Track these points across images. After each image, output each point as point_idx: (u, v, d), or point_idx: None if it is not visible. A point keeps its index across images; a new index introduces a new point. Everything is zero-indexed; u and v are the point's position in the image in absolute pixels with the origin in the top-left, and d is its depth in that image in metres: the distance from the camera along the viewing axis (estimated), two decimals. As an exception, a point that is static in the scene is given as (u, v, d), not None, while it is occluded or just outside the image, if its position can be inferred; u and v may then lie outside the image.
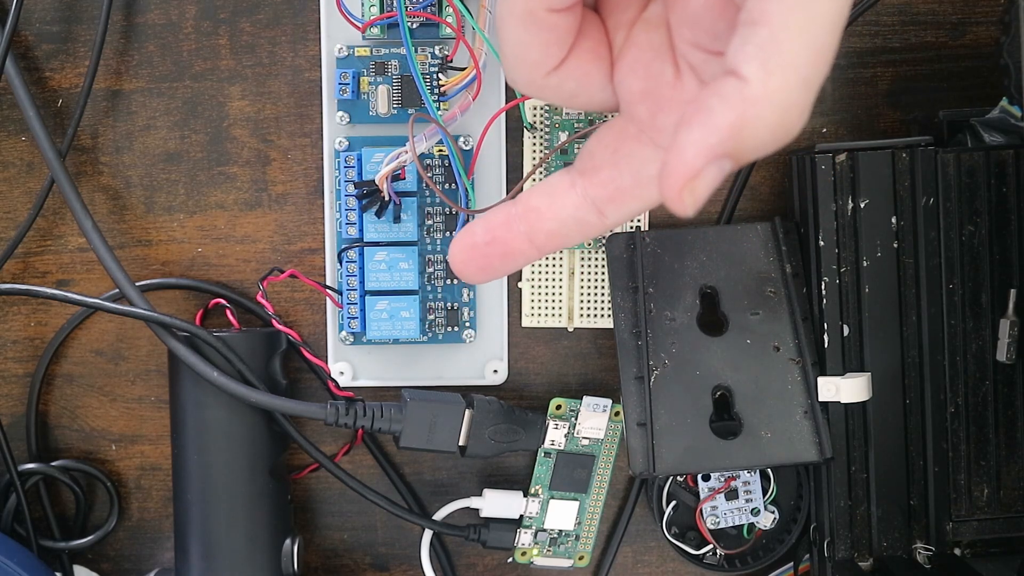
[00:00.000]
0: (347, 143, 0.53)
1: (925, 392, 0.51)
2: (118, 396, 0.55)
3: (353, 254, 0.52)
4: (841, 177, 0.51)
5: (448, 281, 0.53)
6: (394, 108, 0.52)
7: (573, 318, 0.54)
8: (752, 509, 0.55)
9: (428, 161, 0.53)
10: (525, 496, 0.54)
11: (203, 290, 0.54)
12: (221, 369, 0.49)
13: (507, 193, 0.53)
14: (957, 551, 0.51)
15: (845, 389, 0.50)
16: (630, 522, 0.56)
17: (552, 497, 0.54)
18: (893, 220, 0.51)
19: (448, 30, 0.51)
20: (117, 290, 0.52)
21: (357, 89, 0.52)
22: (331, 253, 0.54)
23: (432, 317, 0.53)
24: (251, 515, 0.51)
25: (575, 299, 0.54)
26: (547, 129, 0.53)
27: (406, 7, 0.50)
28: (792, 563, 0.56)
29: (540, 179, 0.53)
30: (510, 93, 0.53)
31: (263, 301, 0.52)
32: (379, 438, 0.56)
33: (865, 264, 0.51)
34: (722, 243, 0.52)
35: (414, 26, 0.51)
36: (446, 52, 0.51)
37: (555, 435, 0.53)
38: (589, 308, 0.54)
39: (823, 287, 0.51)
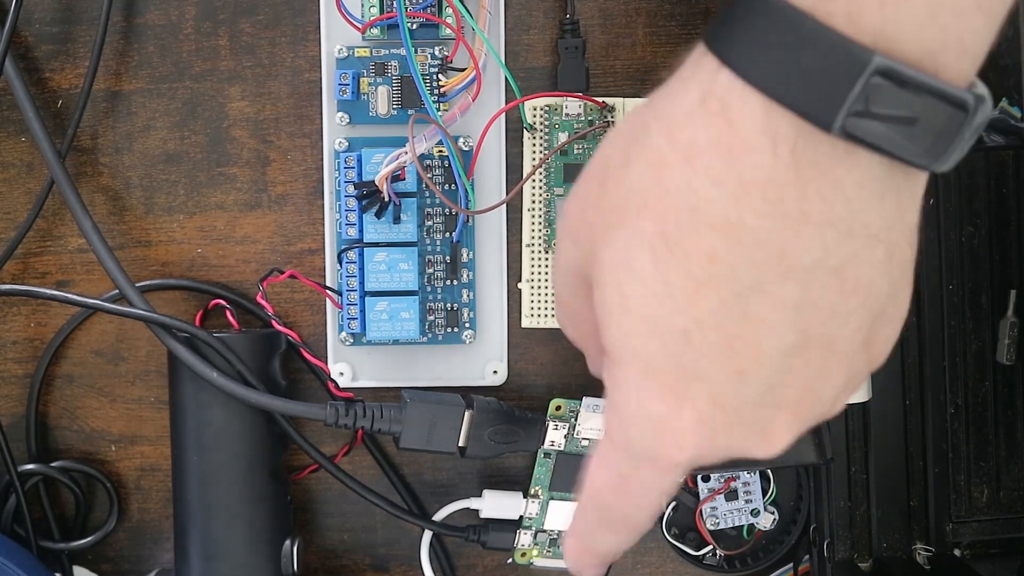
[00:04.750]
0: (347, 144, 0.53)
1: (925, 393, 0.51)
2: (118, 397, 0.55)
3: (353, 255, 0.52)
4: (841, 178, 0.50)
5: (448, 282, 0.53)
6: (394, 109, 0.52)
7: (573, 319, 0.54)
8: (752, 510, 0.55)
9: (428, 162, 0.53)
10: (525, 497, 0.54)
11: (203, 291, 0.54)
12: (221, 370, 0.49)
13: (507, 193, 0.53)
14: (957, 552, 0.51)
15: (845, 390, 0.50)
16: (630, 523, 0.56)
17: (552, 498, 0.54)
18: (893, 221, 0.51)
19: (448, 31, 0.51)
20: (117, 291, 0.52)
21: (357, 90, 0.52)
22: (331, 254, 0.54)
23: (432, 318, 0.53)
24: (251, 516, 0.51)
25: (575, 300, 0.54)
26: (547, 130, 0.53)
27: (406, 8, 0.50)
28: (792, 564, 0.56)
29: (540, 180, 0.53)
30: (510, 94, 0.53)
31: (263, 302, 0.52)
32: (379, 439, 0.56)
33: (865, 265, 0.51)
34: (722, 244, 0.52)
35: (414, 27, 0.51)
36: (446, 53, 0.51)
37: (555, 436, 0.53)
38: (589, 309, 0.54)
39: (823, 288, 0.51)
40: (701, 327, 0.32)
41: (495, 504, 0.54)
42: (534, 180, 0.53)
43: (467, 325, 0.54)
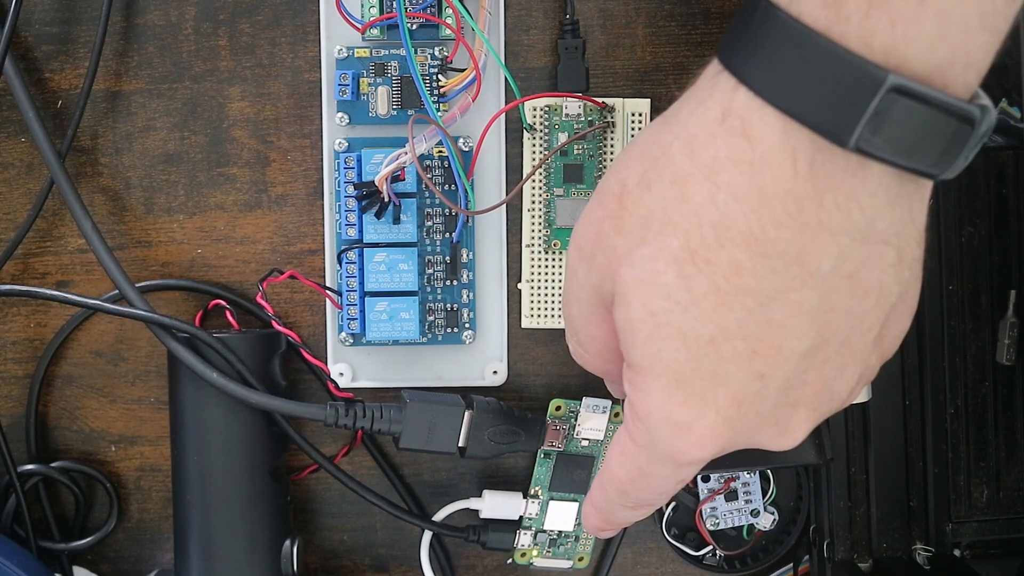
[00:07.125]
0: (347, 144, 0.53)
1: (925, 393, 0.51)
2: (117, 397, 0.55)
3: (353, 255, 0.52)
4: (841, 178, 0.50)
5: (447, 282, 0.53)
6: (394, 109, 0.52)
7: (573, 319, 0.54)
8: (752, 510, 0.55)
9: (428, 162, 0.53)
10: (525, 497, 0.54)
11: (203, 291, 0.54)
12: (220, 370, 0.49)
13: (507, 194, 0.53)
14: (957, 552, 0.51)
15: (845, 390, 0.50)
16: (630, 523, 0.56)
17: (552, 498, 0.54)
18: (893, 221, 0.51)
19: (448, 31, 0.51)
20: (117, 291, 0.52)
21: (357, 90, 0.52)
22: (331, 254, 0.54)
23: (432, 318, 0.53)
24: (251, 516, 0.51)
25: (575, 300, 0.54)
26: (547, 130, 0.53)
27: (406, 8, 0.50)
28: (792, 564, 0.56)
29: (540, 180, 0.53)
30: (509, 94, 0.53)
31: (263, 302, 0.52)
32: (379, 439, 0.56)
33: (865, 265, 0.51)
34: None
35: (414, 27, 0.51)
36: (446, 53, 0.51)
37: (554, 436, 0.53)
38: (589, 309, 0.54)
39: (823, 288, 0.51)
40: (727, 335, 0.33)
41: (495, 504, 0.54)
42: (534, 180, 0.53)
43: (467, 325, 0.54)
